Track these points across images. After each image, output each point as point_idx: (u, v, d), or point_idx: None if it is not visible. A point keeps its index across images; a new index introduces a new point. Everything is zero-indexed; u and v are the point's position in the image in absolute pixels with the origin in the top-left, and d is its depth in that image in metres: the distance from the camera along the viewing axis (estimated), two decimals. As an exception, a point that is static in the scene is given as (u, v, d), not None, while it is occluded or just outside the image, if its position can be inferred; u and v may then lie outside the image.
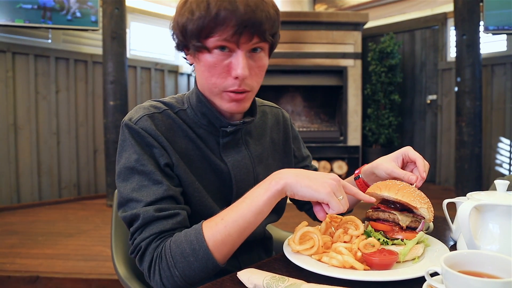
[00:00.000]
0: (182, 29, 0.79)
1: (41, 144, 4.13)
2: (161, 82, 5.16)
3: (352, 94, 4.59)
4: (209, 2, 0.75)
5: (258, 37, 0.78)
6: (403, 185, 0.81)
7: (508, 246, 0.70)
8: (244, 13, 0.74)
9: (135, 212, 0.76)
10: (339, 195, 0.73)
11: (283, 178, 0.74)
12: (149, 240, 0.75)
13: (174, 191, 0.79)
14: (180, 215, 0.78)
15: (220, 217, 0.75)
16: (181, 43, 0.84)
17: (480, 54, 3.90)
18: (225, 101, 0.84)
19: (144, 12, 4.93)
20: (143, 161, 0.79)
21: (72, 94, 4.33)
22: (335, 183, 0.73)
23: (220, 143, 0.90)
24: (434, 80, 5.03)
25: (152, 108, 0.86)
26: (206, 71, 0.81)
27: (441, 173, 4.98)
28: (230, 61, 0.79)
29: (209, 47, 0.78)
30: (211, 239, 0.72)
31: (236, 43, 0.77)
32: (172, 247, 0.73)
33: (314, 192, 0.72)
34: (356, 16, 4.60)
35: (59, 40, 4.22)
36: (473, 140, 3.92)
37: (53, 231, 3.17)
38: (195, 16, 0.75)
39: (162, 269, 0.74)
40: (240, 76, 0.79)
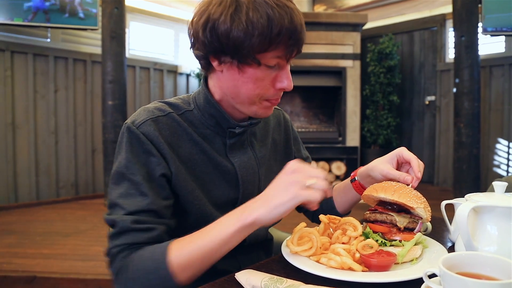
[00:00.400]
0: (235, 41, 0.75)
1: (39, 143, 4.12)
2: (160, 82, 5.16)
3: (351, 95, 4.60)
4: (271, 18, 0.74)
5: (300, 52, 0.82)
6: (399, 186, 0.81)
7: (506, 248, 0.70)
8: (299, 31, 0.78)
9: (115, 218, 0.76)
10: (308, 181, 0.68)
11: (253, 212, 0.70)
12: (120, 249, 0.76)
13: (158, 205, 0.78)
14: (155, 230, 0.77)
15: (188, 240, 0.73)
16: (216, 51, 0.79)
17: (478, 55, 3.91)
18: (261, 107, 0.86)
19: (144, 11, 4.92)
20: (133, 170, 0.79)
21: (70, 93, 4.32)
22: (295, 178, 0.69)
23: (226, 144, 0.91)
24: (432, 81, 5.04)
25: (157, 111, 0.85)
26: (251, 83, 0.81)
27: (439, 174, 4.99)
28: (276, 74, 0.82)
29: (261, 62, 0.78)
30: (175, 261, 0.72)
31: (287, 59, 0.81)
32: (136, 262, 0.73)
33: (286, 206, 0.68)
34: (355, 17, 4.60)
35: (58, 39, 4.22)
36: (471, 141, 3.93)
37: (50, 230, 3.16)
38: (256, 32, 0.74)
39: (125, 279, 0.74)
40: (287, 88, 0.83)
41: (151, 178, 0.80)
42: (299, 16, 0.78)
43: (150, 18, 5.02)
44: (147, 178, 0.79)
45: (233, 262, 0.94)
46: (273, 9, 0.74)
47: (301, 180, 0.69)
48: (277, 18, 0.74)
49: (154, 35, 5.14)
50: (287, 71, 0.82)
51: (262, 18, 0.73)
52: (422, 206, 0.77)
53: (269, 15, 0.74)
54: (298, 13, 0.79)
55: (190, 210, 0.86)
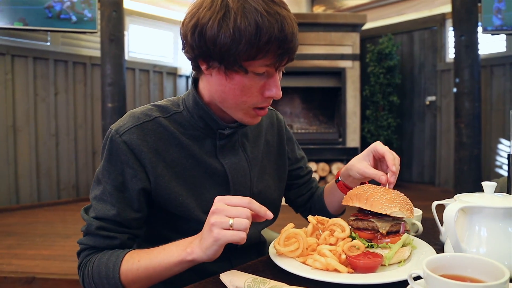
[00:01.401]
0: (221, 47, 0.74)
1: (40, 145, 4.14)
2: (159, 84, 5.17)
3: (350, 96, 4.59)
4: (259, 26, 0.71)
5: (290, 60, 0.80)
6: (371, 191, 0.79)
7: (495, 249, 0.70)
8: (290, 40, 0.75)
9: (86, 218, 0.82)
10: (226, 222, 0.68)
11: (193, 251, 0.73)
12: (84, 247, 0.83)
13: (124, 217, 0.82)
14: (117, 239, 0.82)
15: (137, 259, 0.78)
16: (204, 55, 0.78)
17: (478, 55, 3.89)
18: (249, 116, 0.85)
19: (142, 14, 4.93)
20: (107, 179, 0.82)
21: (70, 96, 4.34)
22: (214, 222, 0.69)
23: (217, 145, 0.90)
24: (433, 82, 5.02)
25: (143, 116, 0.84)
26: (238, 90, 0.79)
27: (441, 175, 4.96)
28: (264, 82, 0.80)
29: (248, 70, 0.76)
30: (123, 274, 0.77)
31: (275, 68, 0.79)
32: (95, 265, 0.79)
33: (212, 247, 0.70)
34: (354, 17, 4.60)
35: (58, 43, 4.24)
36: (472, 141, 3.91)
37: (51, 232, 3.17)
38: (243, 40, 0.72)
39: (85, 276, 0.81)
40: (275, 97, 0.81)
41: (123, 188, 0.82)
42: (291, 24, 0.76)
43: (149, 21, 5.03)
44: (119, 188, 0.82)
45: (226, 264, 0.94)
46: (262, 16, 0.71)
47: (220, 221, 0.69)
48: (266, 27, 0.71)
49: (153, 38, 5.15)
50: (276, 79, 0.80)
51: (250, 25, 0.71)
52: (397, 209, 0.75)
53: (258, 23, 0.71)
54: (290, 21, 0.76)
55: (176, 217, 0.88)
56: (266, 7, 0.73)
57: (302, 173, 1.15)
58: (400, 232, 0.78)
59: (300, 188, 1.15)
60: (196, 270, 0.92)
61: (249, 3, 0.72)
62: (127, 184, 0.81)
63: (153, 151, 0.83)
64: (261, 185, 0.99)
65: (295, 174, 1.13)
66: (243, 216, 0.69)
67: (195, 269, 0.92)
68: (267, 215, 0.72)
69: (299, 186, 1.15)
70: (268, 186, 1.00)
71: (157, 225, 0.91)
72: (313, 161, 4.60)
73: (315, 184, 1.18)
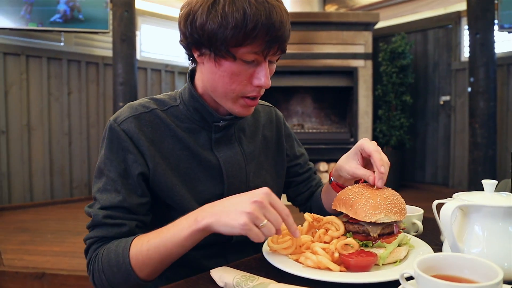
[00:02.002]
0: (209, 33, 0.76)
1: (54, 144, 4.21)
2: (171, 83, 5.20)
3: (362, 95, 4.53)
4: (246, 13, 0.73)
5: (281, 50, 0.81)
6: (355, 198, 0.76)
7: (495, 250, 0.67)
8: (278, 28, 0.76)
9: (91, 211, 0.80)
10: (261, 221, 0.67)
11: (205, 217, 0.70)
12: (92, 241, 0.80)
13: (130, 202, 0.81)
14: (125, 226, 0.80)
15: (147, 239, 0.75)
16: (196, 42, 0.80)
17: (494, 53, 3.80)
18: (238, 105, 0.85)
19: (155, 14, 4.98)
20: (110, 167, 0.82)
21: (83, 95, 4.40)
22: (252, 211, 0.66)
23: (212, 138, 0.91)
24: (447, 81, 4.93)
25: (141, 107, 0.86)
26: (227, 77, 0.80)
27: (455, 175, 4.87)
28: (253, 70, 0.80)
29: (236, 56, 0.77)
30: (133, 257, 0.74)
31: (264, 56, 0.79)
32: (104, 254, 0.77)
33: (231, 228, 0.67)
34: (366, 16, 4.55)
35: (71, 43, 4.31)
36: (487, 142, 3.82)
37: (62, 229, 3.22)
38: (230, 25, 0.73)
39: (95, 270, 0.78)
40: (263, 86, 0.81)
41: (127, 175, 0.82)
42: (279, 13, 0.76)
43: (161, 21, 5.07)
44: (123, 175, 0.81)
45: (222, 261, 0.94)
46: (250, 4, 0.73)
47: (256, 216, 0.67)
48: (253, 13, 0.73)
49: (166, 37, 5.19)
50: (265, 68, 0.80)
51: (237, 12, 0.73)
52: (382, 215, 0.72)
53: (245, 9, 0.73)
54: (279, 10, 0.76)
55: (173, 205, 0.87)
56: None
57: (300, 170, 1.13)
58: (394, 233, 0.76)
59: (299, 186, 1.14)
60: (192, 266, 0.92)
61: None
62: (129, 170, 0.82)
63: (150, 141, 0.84)
64: (258, 180, 0.98)
65: (294, 171, 1.12)
66: (275, 224, 0.68)
67: (191, 265, 0.92)
68: (295, 233, 0.72)
69: (298, 184, 1.14)
70: (266, 182, 1.00)
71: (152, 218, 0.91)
72: (324, 161, 4.56)
73: (315, 182, 1.15)
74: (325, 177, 4.53)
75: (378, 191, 0.77)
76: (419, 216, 0.94)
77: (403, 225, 0.79)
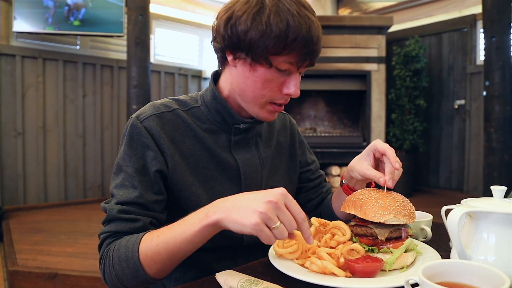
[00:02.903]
0: (251, 39, 0.79)
1: (68, 146, 4.28)
2: (184, 86, 5.25)
3: (375, 99, 4.50)
4: (290, 25, 0.77)
5: (312, 63, 0.85)
6: (365, 199, 0.76)
7: (504, 257, 0.66)
8: (315, 43, 0.81)
9: (106, 206, 0.82)
10: (273, 222, 0.63)
11: (216, 212, 0.68)
12: (106, 236, 0.80)
13: (146, 199, 0.81)
14: (139, 221, 0.80)
15: (157, 234, 0.74)
16: (235, 46, 0.83)
17: (510, 56, 3.73)
18: (265, 111, 0.88)
19: (169, 18, 5.03)
20: (129, 162, 0.82)
21: (98, 98, 4.47)
22: (266, 210, 0.63)
23: (231, 140, 0.93)
24: (462, 85, 4.85)
25: (163, 107, 0.89)
26: (260, 82, 0.83)
27: (469, 181, 4.78)
28: (285, 79, 0.84)
29: (272, 64, 0.81)
30: (143, 252, 0.73)
31: (297, 67, 0.83)
32: (115, 249, 0.77)
33: (241, 226, 0.64)
34: (380, 19, 4.51)
35: (87, 46, 4.38)
36: (503, 146, 3.74)
37: (75, 230, 3.27)
38: (273, 34, 0.77)
39: (105, 265, 0.78)
40: (293, 95, 0.85)
41: (145, 171, 0.83)
42: (317, 29, 0.82)
43: (175, 24, 5.12)
44: (140, 171, 0.83)
45: (232, 263, 0.95)
46: (293, 16, 0.77)
47: (269, 216, 0.63)
48: (296, 25, 0.77)
49: (179, 41, 5.24)
50: (296, 78, 0.84)
51: (281, 22, 0.77)
52: (391, 216, 0.72)
53: (289, 21, 0.77)
54: (317, 26, 0.82)
55: (186, 207, 0.87)
56: (298, 10, 0.79)
57: (312, 176, 1.14)
58: (402, 237, 0.75)
59: (309, 192, 1.15)
60: (201, 268, 0.93)
61: (283, 4, 0.78)
62: (147, 167, 0.83)
63: (170, 140, 0.86)
64: (272, 184, 1.00)
65: (305, 177, 1.14)
66: (289, 228, 0.65)
67: (200, 267, 0.93)
68: (308, 239, 0.69)
69: (309, 190, 1.15)
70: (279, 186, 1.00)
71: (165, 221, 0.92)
72: (336, 165, 4.53)
73: (326, 189, 1.16)
74: (338, 181, 4.50)
75: (388, 194, 0.77)
76: (428, 222, 0.93)
77: (411, 231, 0.78)
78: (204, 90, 0.96)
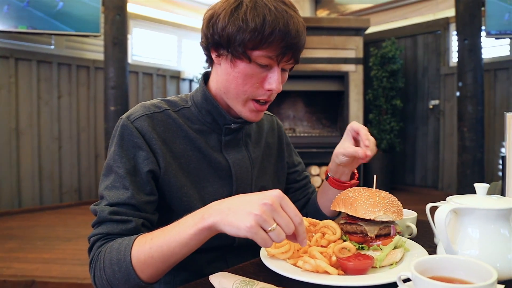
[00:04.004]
0: (229, 34, 0.80)
1: (43, 149, 4.16)
2: (163, 87, 5.19)
3: (353, 99, 4.57)
4: (266, 19, 0.78)
5: (294, 59, 0.85)
6: (355, 196, 0.78)
7: (488, 251, 0.68)
8: (294, 37, 0.80)
9: (96, 208, 0.79)
10: (269, 224, 0.61)
11: (212, 215, 0.66)
12: (96, 238, 0.78)
13: (138, 200, 0.80)
14: (131, 222, 0.78)
15: (150, 237, 0.72)
16: (216, 43, 0.84)
17: (482, 58, 3.87)
18: (247, 109, 0.88)
19: (147, 18, 4.97)
20: (119, 163, 0.81)
21: (74, 99, 4.37)
22: (260, 214, 0.61)
23: (222, 141, 0.93)
24: (436, 85, 5.00)
25: (153, 107, 0.88)
26: (240, 78, 0.83)
27: (444, 178, 4.93)
28: (266, 74, 0.84)
29: (251, 58, 0.81)
30: (135, 256, 0.71)
31: (277, 61, 0.82)
32: (106, 252, 0.74)
33: (236, 229, 0.62)
34: (357, 21, 4.59)
35: (62, 46, 4.27)
36: (475, 145, 3.88)
37: (52, 235, 3.18)
38: (249, 28, 0.78)
39: (96, 269, 0.75)
40: (274, 90, 0.84)
41: (136, 172, 0.82)
42: (297, 24, 0.81)
43: (153, 24, 5.06)
44: (132, 172, 0.81)
45: (223, 265, 0.94)
46: (270, 11, 0.78)
47: (265, 218, 0.61)
48: (272, 19, 0.77)
49: (157, 41, 5.18)
50: (277, 73, 0.83)
51: (258, 17, 0.77)
52: (381, 213, 0.73)
53: (266, 16, 0.77)
54: (296, 21, 0.81)
55: (177, 208, 0.87)
56: (276, 5, 0.79)
57: (298, 177, 1.16)
58: (391, 234, 0.77)
59: (296, 193, 1.16)
60: (192, 270, 0.92)
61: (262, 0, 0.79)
62: (138, 168, 0.82)
63: (162, 140, 0.85)
64: (262, 184, 1.01)
65: (292, 178, 1.15)
66: (286, 229, 0.63)
67: (191, 270, 0.92)
68: (302, 243, 0.67)
69: (296, 191, 1.16)
70: (268, 187, 1.02)
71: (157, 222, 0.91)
72: (315, 165, 4.58)
73: (311, 190, 1.19)
74: (317, 180, 4.55)
75: (377, 192, 0.79)
76: (413, 219, 0.96)
77: (398, 228, 0.80)
78: (194, 91, 0.96)
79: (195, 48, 5.52)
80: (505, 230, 0.69)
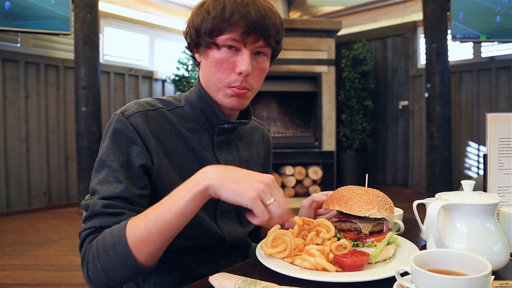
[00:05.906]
0: (197, 27, 0.85)
1: (9, 151, 3.98)
2: (135, 87, 5.09)
3: (326, 100, 4.65)
4: (225, 4, 0.82)
5: (264, 41, 0.85)
6: (349, 195, 0.81)
7: (475, 244, 0.72)
8: (255, 17, 0.82)
9: (89, 202, 0.78)
10: (268, 199, 0.69)
11: (207, 178, 0.70)
12: (89, 232, 0.76)
13: (132, 193, 0.79)
14: (125, 215, 0.77)
15: (144, 214, 0.73)
16: (193, 42, 0.89)
17: (448, 61, 4.04)
18: (227, 96, 0.88)
19: (118, 17, 4.86)
20: (113, 157, 0.80)
21: (42, 99, 4.21)
22: (262, 186, 0.69)
23: (214, 141, 0.94)
24: (405, 86, 5.17)
25: (147, 105, 0.89)
26: (213, 66, 0.86)
27: (413, 177, 5.10)
28: (235, 59, 0.86)
29: (218, 44, 0.84)
30: (131, 235, 0.70)
31: (243, 43, 0.84)
32: (99, 240, 0.73)
33: (238, 196, 0.68)
34: (329, 23, 4.68)
35: (29, 44, 4.11)
36: (443, 144, 4.04)
37: (21, 241, 3.05)
38: (211, 16, 0.82)
39: (89, 262, 0.73)
40: (243, 72, 0.84)
41: (129, 166, 0.81)
42: (260, 6, 0.83)
43: (124, 24, 4.95)
44: (125, 166, 0.81)
45: (213, 266, 0.95)
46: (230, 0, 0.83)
47: (265, 191, 0.69)
48: (231, 4, 0.82)
49: (129, 41, 5.07)
50: (245, 54, 0.85)
51: (219, 5, 0.82)
52: (375, 210, 0.76)
53: (225, 3, 0.82)
54: (259, 4, 0.84)
55: None
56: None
57: None
58: (384, 231, 0.80)
59: None
60: (181, 271, 0.91)
61: None
62: (131, 162, 0.82)
63: (155, 137, 0.86)
64: None
65: None
66: (281, 205, 0.71)
67: (181, 271, 0.91)
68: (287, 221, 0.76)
69: None
70: None
71: None
72: (290, 165, 4.63)
73: None
74: (291, 180, 4.60)
75: (369, 190, 0.82)
76: (399, 216, 0.99)
77: (390, 224, 0.83)
78: (188, 92, 0.98)
79: (168, 48, 5.44)
80: (491, 224, 0.73)
